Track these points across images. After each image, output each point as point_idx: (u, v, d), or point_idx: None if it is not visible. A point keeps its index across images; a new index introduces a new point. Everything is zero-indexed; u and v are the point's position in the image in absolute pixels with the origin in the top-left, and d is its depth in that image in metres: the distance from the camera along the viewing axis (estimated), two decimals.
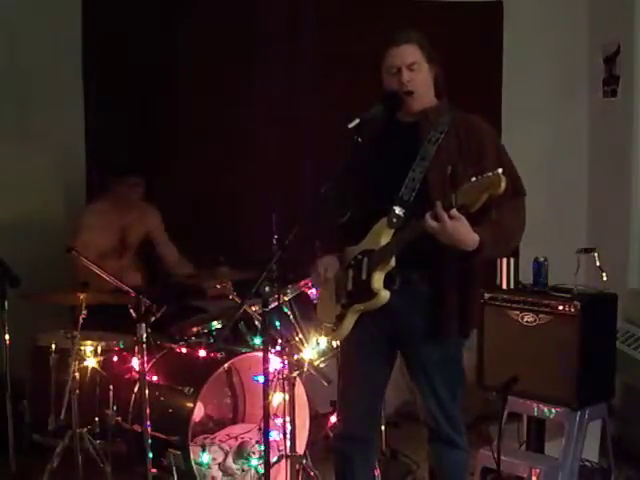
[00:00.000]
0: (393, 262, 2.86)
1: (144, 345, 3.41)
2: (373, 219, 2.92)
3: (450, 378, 3.00)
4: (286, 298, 3.73)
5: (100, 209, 4.62)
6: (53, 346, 3.78)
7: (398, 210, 2.84)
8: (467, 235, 2.71)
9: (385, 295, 2.87)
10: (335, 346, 3.63)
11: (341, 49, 4.92)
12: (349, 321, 2.99)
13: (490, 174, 2.57)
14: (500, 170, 2.58)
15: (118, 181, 4.59)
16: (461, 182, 2.70)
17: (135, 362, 3.73)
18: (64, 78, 4.86)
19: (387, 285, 2.88)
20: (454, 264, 2.86)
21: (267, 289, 2.69)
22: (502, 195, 2.61)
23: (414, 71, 2.91)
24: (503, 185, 2.56)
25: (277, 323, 3.67)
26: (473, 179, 2.61)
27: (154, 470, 3.50)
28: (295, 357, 3.63)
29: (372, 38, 3.15)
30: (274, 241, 3.52)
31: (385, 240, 2.87)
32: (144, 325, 3.44)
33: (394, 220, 2.85)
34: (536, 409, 3.77)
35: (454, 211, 2.66)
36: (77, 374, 3.62)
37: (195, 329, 4.08)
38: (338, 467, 3.18)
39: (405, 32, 2.95)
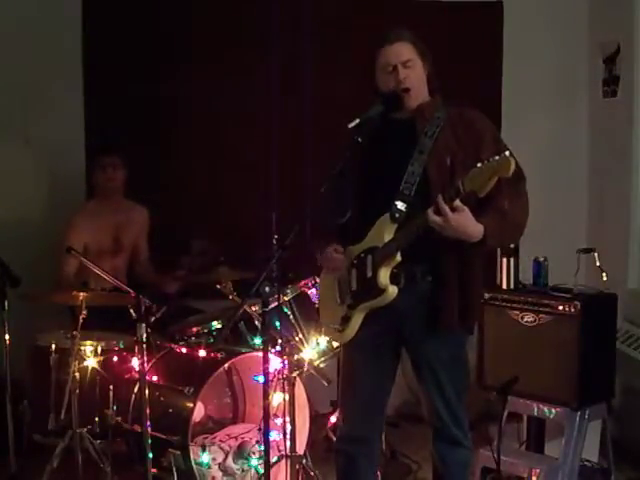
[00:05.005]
0: (399, 257, 2.85)
1: (144, 345, 3.41)
2: (372, 218, 2.91)
3: (456, 377, 2.99)
4: (286, 298, 3.73)
5: (91, 208, 4.59)
6: (53, 346, 3.77)
7: (400, 205, 2.83)
8: (471, 227, 2.71)
9: (393, 291, 2.86)
10: (335, 346, 3.64)
11: (341, 50, 4.92)
12: (356, 321, 2.97)
13: (497, 157, 2.56)
14: (508, 152, 2.57)
15: (95, 165, 4.52)
16: (462, 171, 2.69)
17: (135, 362, 3.73)
18: (64, 77, 4.85)
19: (392, 283, 2.87)
20: (454, 258, 2.85)
21: (267, 289, 2.69)
22: (504, 182, 2.61)
23: (409, 68, 2.92)
24: (513, 167, 2.54)
25: (277, 323, 3.67)
26: (479, 164, 2.59)
27: (154, 470, 3.49)
28: (295, 357, 3.63)
29: (372, 38, 3.15)
30: (274, 241, 3.52)
31: (389, 236, 2.86)
32: (144, 325, 3.43)
33: (397, 215, 2.83)
34: (536, 409, 3.77)
35: (457, 202, 2.65)
36: (77, 374, 3.62)
37: (195, 329, 4.08)
38: (342, 469, 3.14)
39: (397, 30, 2.96)
